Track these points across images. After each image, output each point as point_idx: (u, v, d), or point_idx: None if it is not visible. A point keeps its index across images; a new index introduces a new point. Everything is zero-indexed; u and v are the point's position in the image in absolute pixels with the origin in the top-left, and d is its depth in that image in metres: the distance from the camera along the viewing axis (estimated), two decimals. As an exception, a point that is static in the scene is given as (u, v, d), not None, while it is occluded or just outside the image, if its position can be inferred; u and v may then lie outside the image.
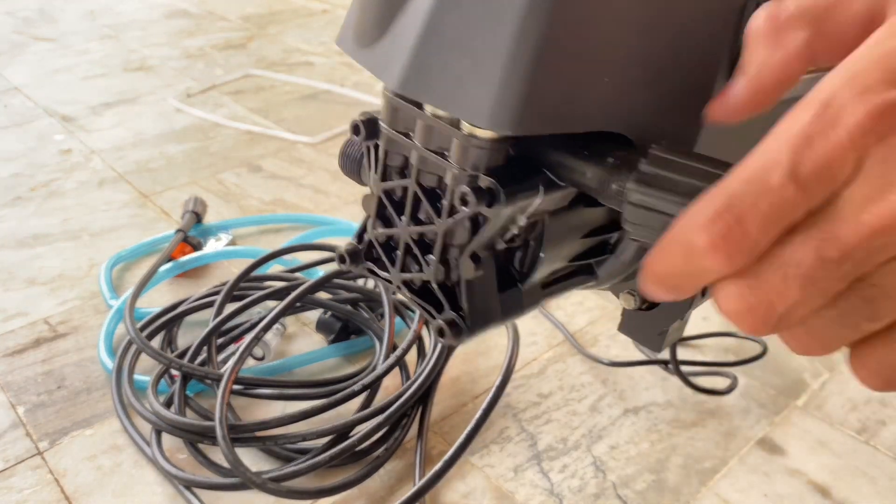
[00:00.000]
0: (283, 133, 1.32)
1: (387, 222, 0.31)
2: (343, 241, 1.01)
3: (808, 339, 0.23)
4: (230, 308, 0.76)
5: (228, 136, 1.32)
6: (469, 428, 0.63)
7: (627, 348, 0.82)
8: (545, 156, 0.27)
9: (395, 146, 0.29)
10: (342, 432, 0.66)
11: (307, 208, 1.10)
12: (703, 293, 0.34)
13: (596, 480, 0.67)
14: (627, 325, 0.37)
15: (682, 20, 0.26)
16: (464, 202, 0.26)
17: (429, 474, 0.62)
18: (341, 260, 0.32)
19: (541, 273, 0.30)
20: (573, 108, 0.24)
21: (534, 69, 0.22)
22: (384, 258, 0.31)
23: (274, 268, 0.89)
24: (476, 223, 0.27)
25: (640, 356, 0.80)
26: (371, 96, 1.47)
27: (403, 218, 0.29)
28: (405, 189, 0.29)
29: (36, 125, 1.36)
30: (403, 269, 0.30)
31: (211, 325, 0.74)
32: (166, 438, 0.68)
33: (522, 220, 0.27)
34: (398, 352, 0.72)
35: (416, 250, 0.29)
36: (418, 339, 0.76)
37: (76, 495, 0.65)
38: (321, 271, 0.86)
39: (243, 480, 0.60)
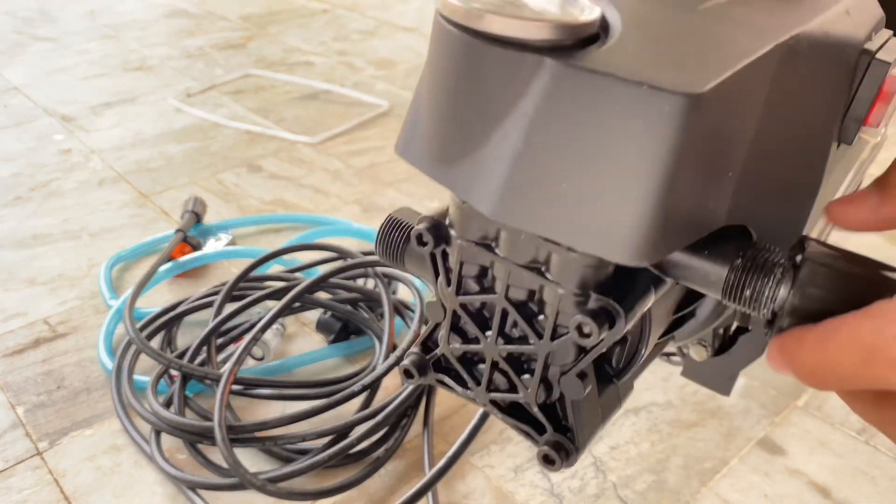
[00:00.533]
0: (282, 133, 1.32)
1: (463, 335, 0.27)
2: (343, 242, 1.01)
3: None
4: (230, 308, 0.76)
5: (228, 136, 1.32)
6: (470, 427, 0.63)
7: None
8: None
9: (472, 257, 0.25)
10: (342, 433, 0.66)
11: (307, 208, 1.09)
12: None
13: (596, 481, 0.67)
14: (693, 372, 0.35)
15: (795, 94, 0.23)
16: (582, 333, 0.23)
17: (430, 473, 0.62)
18: (407, 375, 0.28)
19: (640, 361, 0.28)
20: (704, 215, 0.22)
21: (669, 192, 0.19)
22: (462, 372, 0.27)
23: (274, 268, 0.89)
24: (590, 346, 0.24)
25: (648, 374, 0.80)
26: (371, 96, 1.46)
27: (489, 334, 0.25)
28: (485, 302, 0.25)
29: (35, 125, 1.36)
30: (489, 387, 0.27)
31: (210, 325, 0.74)
32: (166, 439, 0.68)
33: (629, 325, 0.24)
34: (398, 352, 0.71)
35: (506, 367, 0.26)
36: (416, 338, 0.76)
37: (76, 495, 0.65)
38: (321, 271, 0.86)
39: (242, 481, 0.60)
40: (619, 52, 0.20)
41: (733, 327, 0.34)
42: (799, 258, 0.22)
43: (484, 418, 0.60)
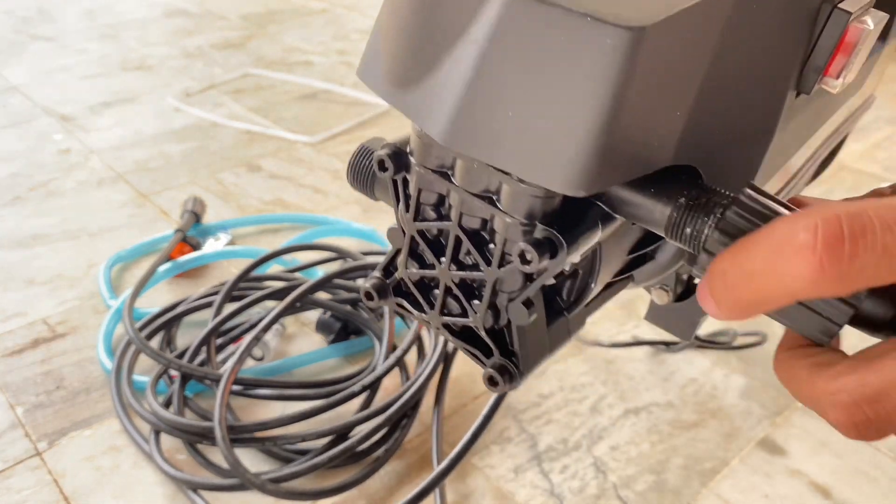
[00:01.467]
0: (282, 132, 1.32)
1: (421, 261, 0.28)
2: (342, 242, 1.01)
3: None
4: (229, 308, 0.76)
5: (227, 136, 1.32)
6: (471, 431, 0.63)
7: (627, 347, 0.82)
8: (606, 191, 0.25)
9: (429, 184, 0.26)
10: (342, 433, 0.66)
11: (306, 208, 1.09)
12: None
13: (596, 481, 0.67)
14: (656, 316, 0.35)
15: (751, 39, 0.24)
16: (524, 260, 0.23)
17: (432, 474, 0.62)
18: (368, 297, 0.29)
19: (591, 296, 0.28)
20: (649, 151, 0.22)
21: (612, 124, 0.20)
22: (419, 297, 0.28)
23: (273, 268, 0.89)
24: (536, 272, 0.25)
25: (642, 364, 0.80)
26: (371, 96, 1.46)
27: (443, 260, 0.26)
28: (441, 228, 0.26)
29: (34, 125, 1.36)
30: (443, 311, 0.28)
31: (210, 325, 0.74)
32: (165, 439, 0.68)
33: (576, 258, 0.25)
34: (398, 352, 0.71)
35: (458, 293, 0.27)
36: (418, 340, 0.76)
37: (75, 496, 0.65)
38: (321, 271, 0.86)
39: (242, 481, 0.60)
40: None
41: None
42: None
43: (488, 419, 0.60)
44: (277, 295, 0.78)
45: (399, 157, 0.26)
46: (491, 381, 0.27)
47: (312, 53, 1.73)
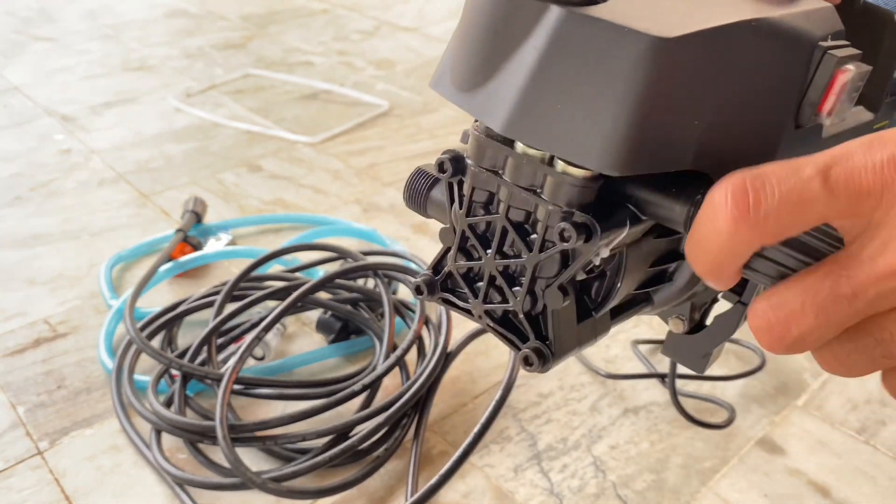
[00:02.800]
0: (282, 133, 1.32)
1: (468, 255, 0.31)
2: (343, 242, 1.01)
3: (834, 364, 0.24)
4: (230, 308, 0.76)
5: (228, 136, 1.32)
6: (471, 436, 0.63)
7: (626, 349, 0.82)
8: (631, 192, 0.29)
9: (482, 182, 0.30)
10: (342, 432, 0.66)
11: (307, 208, 1.10)
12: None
13: (596, 480, 0.67)
14: (672, 348, 0.39)
15: (758, 70, 0.28)
16: (563, 238, 0.27)
17: (431, 481, 0.62)
18: (418, 291, 0.32)
19: (614, 302, 0.32)
20: (670, 150, 0.26)
21: (640, 117, 0.25)
22: (466, 289, 0.32)
23: (274, 268, 0.89)
24: (566, 257, 0.29)
25: (638, 363, 0.80)
26: (371, 96, 1.47)
27: (489, 251, 0.30)
28: (488, 223, 0.30)
29: (35, 125, 1.36)
30: (486, 299, 0.31)
31: (211, 324, 0.74)
32: (166, 438, 0.68)
33: (605, 252, 0.29)
34: (398, 352, 0.72)
35: (501, 281, 0.30)
36: (418, 340, 0.76)
37: (76, 495, 0.65)
38: (321, 271, 0.86)
39: (243, 480, 0.60)
40: (613, 8, 0.25)
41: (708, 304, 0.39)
42: None
43: (490, 421, 0.60)
44: (278, 295, 0.79)
45: (457, 161, 0.30)
46: (526, 361, 0.30)
47: (313, 54, 1.73)
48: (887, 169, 0.22)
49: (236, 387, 0.69)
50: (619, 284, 0.31)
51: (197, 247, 0.95)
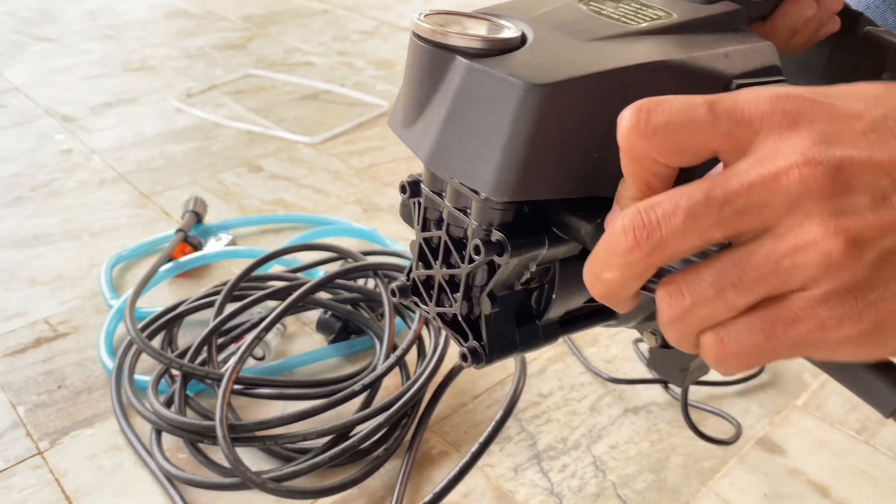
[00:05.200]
0: (283, 133, 1.32)
1: (427, 265, 0.36)
2: (343, 242, 1.01)
3: (693, 322, 0.25)
4: (230, 308, 0.77)
5: (229, 136, 1.32)
6: (477, 444, 0.63)
7: (626, 349, 0.82)
8: (553, 215, 0.32)
9: (432, 203, 0.35)
10: (342, 432, 0.66)
11: (307, 208, 1.10)
12: None
13: (596, 480, 0.67)
14: (653, 362, 0.43)
15: None
16: (476, 252, 0.31)
17: (436, 488, 0.62)
18: (393, 294, 0.38)
19: (555, 311, 0.35)
20: (565, 178, 0.30)
21: (523, 151, 0.28)
22: (423, 293, 0.36)
23: (274, 268, 0.89)
24: (493, 268, 0.33)
25: (638, 363, 0.80)
26: (371, 96, 1.47)
27: (437, 262, 0.35)
28: (438, 238, 0.35)
29: (36, 125, 1.36)
30: (438, 303, 0.35)
31: (211, 324, 0.74)
32: (166, 438, 0.68)
33: (533, 267, 0.33)
34: (398, 352, 0.72)
35: (447, 289, 0.35)
36: (418, 340, 0.76)
37: (76, 495, 0.65)
38: (322, 271, 0.86)
39: (244, 480, 0.60)
40: (510, 60, 0.29)
41: None
42: None
43: (498, 427, 0.61)
44: (278, 295, 0.79)
45: (415, 184, 0.35)
46: (463, 358, 0.34)
47: (313, 54, 1.74)
48: (765, 103, 0.24)
49: (236, 387, 0.69)
50: (554, 296, 0.34)
51: (197, 247, 0.95)
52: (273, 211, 1.09)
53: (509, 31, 0.30)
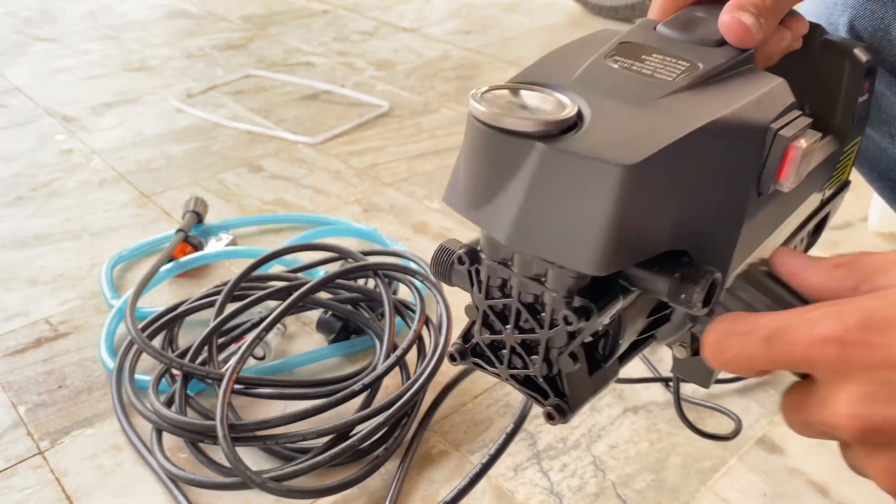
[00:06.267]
0: (283, 133, 1.33)
1: (491, 328, 0.36)
2: (343, 242, 1.01)
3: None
4: (231, 308, 0.77)
5: (229, 137, 1.32)
6: (497, 443, 0.63)
7: (627, 348, 0.82)
8: (623, 271, 0.33)
9: (496, 272, 0.35)
10: (342, 432, 0.66)
11: (307, 208, 1.10)
12: None
13: (595, 479, 0.67)
14: (679, 368, 0.45)
15: (717, 161, 0.33)
16: (567, 322, 0.32)
17: (446, 498, 0.62)
18: (451, 359, 0.38)
19: (620, 351, 0.37)
20: (646, 243, 0.32)
21: (615, 228, 0.29)
22: (490, 355, 0.37)
23: (275, 268, 0.89)
24: (576, 331, 0.34)
25: (638, 361, 0.80)
26: (371, 97, 1.47)
27: (508, 327, 0.36)
28: (508, 304, 0.36)
29: (37, 125, 1.36)
30: (510, 365, 0.37)
31: (212, 324, 0.74)
32: (167, 438, 0.69)
33: (606, 320, 0.35)
34: (398, 352, 0.72)
35: (520, 351, 0.36)
36: (418, 339, 0.77)
37: (77, 494, 0.65)
38: (322, 271, 0.86)
39: (244, 479, 0.60)
40: (585, 138, 0.30)
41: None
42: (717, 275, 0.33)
43: (511, 436, 0.61)
44: (279, 295, 0.79)
45: (473, 254, 0.36)
46: (549, 416, 0.35)
47: (313, 55, 1.74)
48: (816, 348, 0.28)
49: (237, 386, 0.70)
50: (621, 340, 0.36)
51: (198, 247, 0.95)
52: (273, 211, 1.09)
53: (568, 107, 0.31)
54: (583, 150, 0.29)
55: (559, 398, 0.36)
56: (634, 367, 0.79)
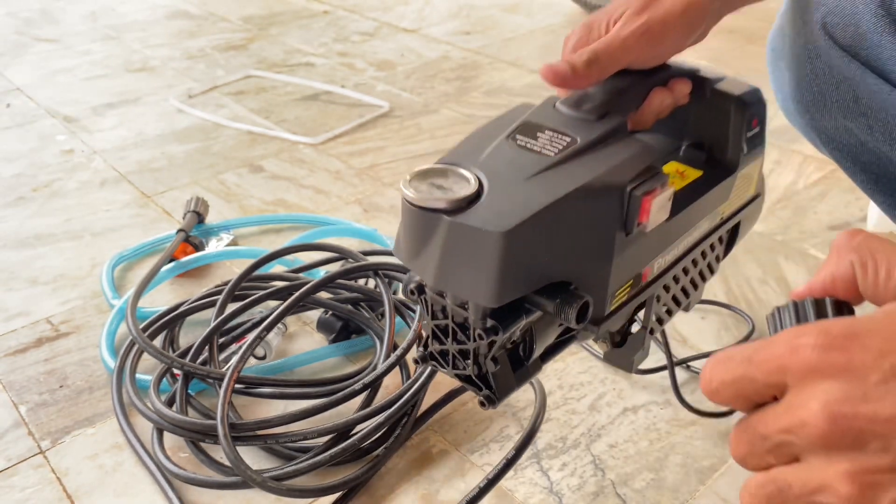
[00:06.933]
0: (284, 133, 1.33)
1: (439, 340, 0.48)
2: (344, 242, 1.01)
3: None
4: (232, 308, 0.77)
5: (230, 137, 1.33)
6: (494, 470, 0.63)
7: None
8: (525, 298, 0.44)
9: (437, 301, 0.47)
10: (343, 431, 0.67)
11: (308, 208, 1.10)
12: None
13: (595, 479, 0.67)
14: (608, 358, 0.59)
15: (586, 214, 0.43)
16: (481, 337, 0.44)
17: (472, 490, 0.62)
18: (416, 362, 0.51)
19: (536, 353, 0.49)
20: (531, 279, 0.43)
21: (502, 272, 0.41)
22: (440, 360, 0.49)
23: (275, 268, 0.89)
24: (492, 342, 0.45)
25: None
26: (372, 97, 1.47)
27: (449, 339, 0.48)
28: (447, 324, 0.47)
29: (38, 126, 1.36)
30: (454, 367, 0.49)
31: (213, 324, 0.75)
32: (168, 437, 0.69)
33: (517, 334, 0.47)
34: (399, 351, 0.72)
35: (459, 357, 0.48)
36: (419, 339, 0.77)
37: (78, 494, 0.65)
38: (322, 271, 0.86)
39: (244, 479, 0.60)
40: (479, 210, 0.41)
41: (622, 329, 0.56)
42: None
43: (524, 444, 0.64)
44: (279, 294, 0.79)
45: (421, 288, 0.47)
46: (481, 404, 0.48)
47: (314, 55, 1.74)
48: (790, 355, 0.30)
49: (237, 386, 0.70)
50: (534, 345, 0.48)
51: (198, 247, 0.95)
52: (274, 211, 1.09)
53: (470, 185, 0.42)
54: (473, 222, 0.40)
55: (489, 390, 0.48)
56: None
